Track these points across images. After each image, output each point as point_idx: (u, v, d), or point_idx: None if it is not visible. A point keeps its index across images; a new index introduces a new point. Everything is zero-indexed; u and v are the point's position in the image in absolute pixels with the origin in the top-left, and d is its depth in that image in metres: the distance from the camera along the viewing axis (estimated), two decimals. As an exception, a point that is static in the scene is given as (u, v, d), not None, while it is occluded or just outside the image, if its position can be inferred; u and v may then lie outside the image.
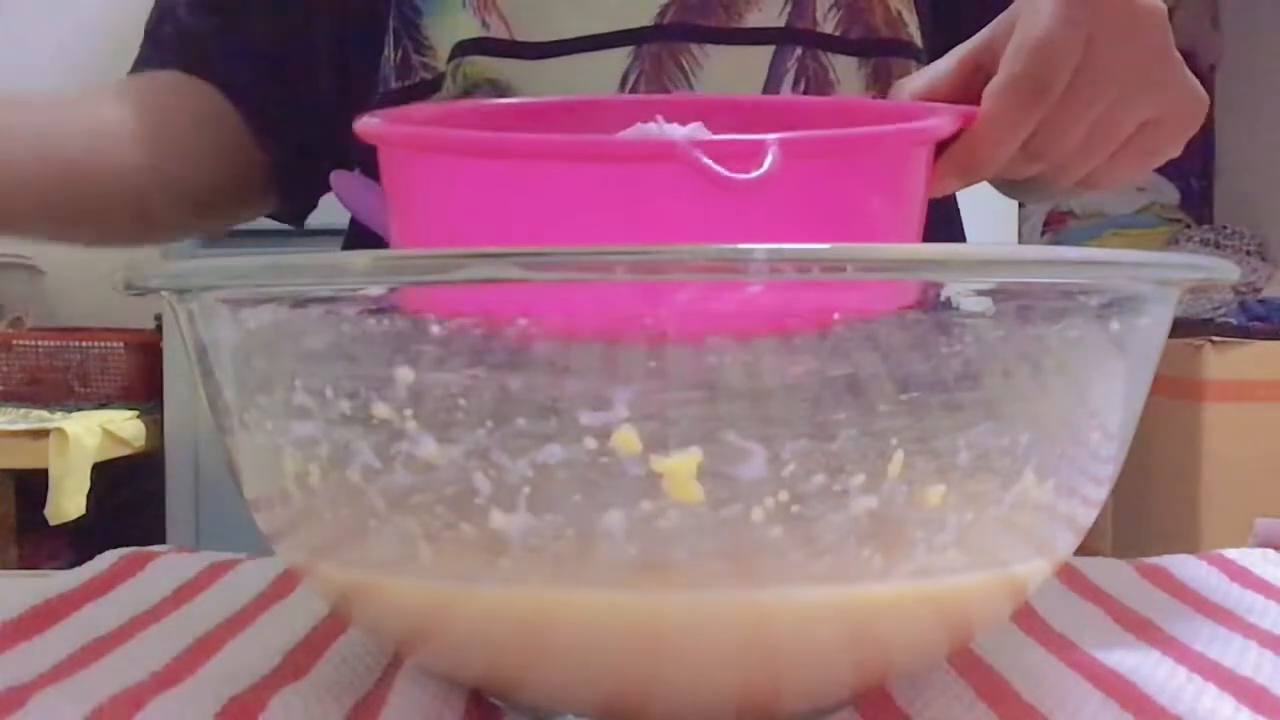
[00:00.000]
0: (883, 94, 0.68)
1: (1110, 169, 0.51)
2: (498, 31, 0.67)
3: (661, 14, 0.67)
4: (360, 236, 0.76)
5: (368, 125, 0.42)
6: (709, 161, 0.36)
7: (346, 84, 0.77)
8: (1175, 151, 0.53)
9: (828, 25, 0.69)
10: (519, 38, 0.67)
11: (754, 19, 0.67)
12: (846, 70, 0.69)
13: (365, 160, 0.79)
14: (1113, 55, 0.47)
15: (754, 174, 0.36)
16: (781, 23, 0.68)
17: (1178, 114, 0.51)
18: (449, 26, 0.68)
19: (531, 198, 0.38)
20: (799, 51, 0.68)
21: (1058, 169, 0.50)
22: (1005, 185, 0.74)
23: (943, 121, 0.45)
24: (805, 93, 0.67)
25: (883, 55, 0.70)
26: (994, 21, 0.49)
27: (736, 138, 0.39)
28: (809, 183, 0.38)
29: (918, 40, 0.72)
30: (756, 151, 0.36)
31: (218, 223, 0.83)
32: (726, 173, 0.36)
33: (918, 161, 0.42)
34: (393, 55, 0.71)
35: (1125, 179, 0.53)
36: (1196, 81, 0.52)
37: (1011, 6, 0.49)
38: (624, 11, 0.67)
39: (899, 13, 0.70)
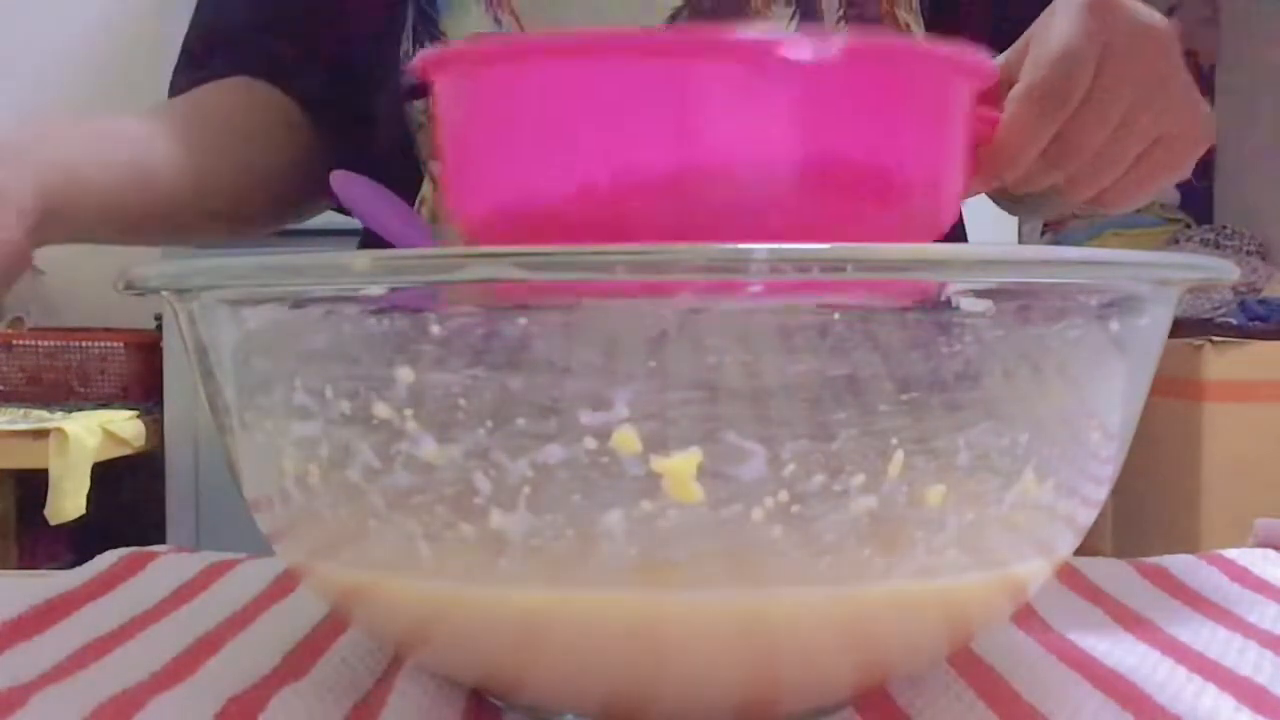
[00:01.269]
0: None
1: (1121, 187, 0.52)
2: (509, 28, 0.68)
3: (673, 17, 0.68)
4: (373, 238, 0.77)
5: (431, 53, 0.41)
6: (774, 48, 0.37)
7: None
8: (1185, 173, 0.54)
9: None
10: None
11: (763, 27, 0.68)
12: None
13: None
14: (1126, 67, 0.49)
15: (815, 57, 0.37)
16: (790, 31, 0.68)
17: (1187, 130, 0.52)
18: (463, 23, 0.70)
19: (592, 98, 0.38)
20: None
21: (1073, 181, 0.51)
22: (1012, 201, 0.75)
23: (989, 60, 0.45)
24: None
25: None
26: (1009, 49, 0.51)
27: (796, 35, 0.41)
28: (861, 91, 0.39)
29: None
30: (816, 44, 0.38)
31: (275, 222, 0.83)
32: (792, 55, 0.37)
33: (962, 97, 0.42)
34: (412, 51, 0.72)
35: (1136, 200, 0.54)
36: (1205, 102, 0.53)
37: (1027, 31, 0.50)
38: (634, 13, 0.68)
39: (907, 25, 0.71)
